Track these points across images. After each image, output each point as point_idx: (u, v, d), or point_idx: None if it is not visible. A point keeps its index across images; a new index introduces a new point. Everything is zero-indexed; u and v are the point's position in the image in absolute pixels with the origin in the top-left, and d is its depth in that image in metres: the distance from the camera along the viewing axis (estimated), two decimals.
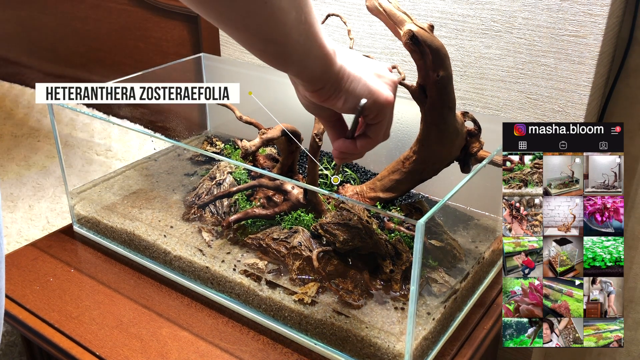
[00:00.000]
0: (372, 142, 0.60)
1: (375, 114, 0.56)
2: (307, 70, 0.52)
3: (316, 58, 0.51)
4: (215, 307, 0.78)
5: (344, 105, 0.55)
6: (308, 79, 0.53)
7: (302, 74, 0.53)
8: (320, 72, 0.52)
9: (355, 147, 0.60)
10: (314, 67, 0.52)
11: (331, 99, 0.55)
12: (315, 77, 0.53)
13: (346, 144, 0.60)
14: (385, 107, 0.56)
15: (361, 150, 0.60)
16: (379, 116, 0.57)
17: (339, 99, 0.55)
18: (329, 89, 0.54)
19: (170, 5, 1.52)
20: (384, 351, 0.65)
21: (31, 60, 2.04)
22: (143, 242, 0.85)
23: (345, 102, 0.55)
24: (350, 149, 0.60)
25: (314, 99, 0.56)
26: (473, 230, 0.85)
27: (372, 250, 0.72)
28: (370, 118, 0.57)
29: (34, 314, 0.77)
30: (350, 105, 0.55)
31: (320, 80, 0.53)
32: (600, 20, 0.82)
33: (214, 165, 0.95)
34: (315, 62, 0.51)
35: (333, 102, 0.55)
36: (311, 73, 0.52)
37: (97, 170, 1.50)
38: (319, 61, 0.51)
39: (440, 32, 0.95)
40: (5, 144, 1.72)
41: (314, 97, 0.55)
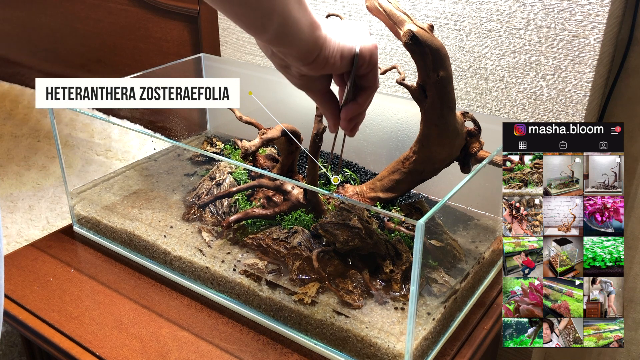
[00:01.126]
0: (371, 92, 0.62)
1: (368, 60, 0.59)
2: (302, 41, 0.53)
3: (308, 25, 0.53)
4: (215, 307, 0.78)
5: (341, 63, 0.57)
6: (303, 50, 0.54)
7: (297, 47, 0.54)
8: (313, 40, 0.54)
9: (359, 105, 0.62)
10: (308, 35, 0.53)
11: (329, 63, 0.57)
12: (309, 47, 0.54)
13: (351, 107, 0.62)
14: (374, 51, 0.59)
15: (365, 105, 0.63)
16: (371, 62, 0.59)
17: (335, 59, 0.57)
18: (323, 54, 0.56)
19: (170, 5, 1.52)
20: (384, 351, 0.65)
21: (31, 61, 2.04)
22: (143, 242, 0.85)
23: (342, 59, 0.57)
24: (356, 110, 0.63)
25: (313, 71, 0.57)
26: (473, 230, 0.85)
27: (372, 250, 0.72)
28: (364, 67, 0.59)
29: (34, 314, 0.77)
30: (346, 60, 0.58)
31: (314, 48, 0.55)
32: (600, 21, 0.82)
33: (213, 166, 0.95)
34: (308, 30, 0.53)
35: (332, 65, 0.57)
36: (305, 43, 0.54)
37: (97, 171, 1.50)
38: (310, 28, 0.53)
39: (440, 32, 0.95)
40: (5, 144, 1.72)
41: (312, 69, 0.57)
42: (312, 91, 0.63)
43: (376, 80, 0.62)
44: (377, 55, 0.60)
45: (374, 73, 0.61)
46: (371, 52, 0.59)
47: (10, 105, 1.92)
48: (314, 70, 0.57)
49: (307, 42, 0.54)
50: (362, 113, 0.64)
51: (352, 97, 0.62)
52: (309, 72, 0.58)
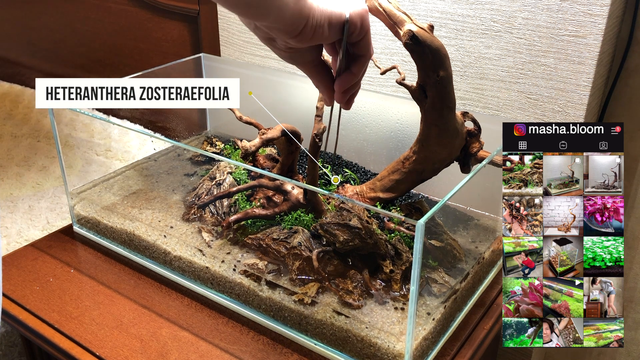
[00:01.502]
0: (365, 60, 0.59)
1: (359, 26, 0.56)
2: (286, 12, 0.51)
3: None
4: (215, 308, 0.78)
5: (330, 32, 0.55)
6: (288, 22, 0.52)
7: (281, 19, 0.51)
8: (298, 10, 0.51)
9: (354, 74, 0.60)
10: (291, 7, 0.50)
11: (317, 33, 0.54)
12: (294, 18, 0.52)
13: (345, 77, 0.60)
14: (365, 15, 0.56)
15: (359, 74, 0.60)
16: (363, 27, 0.57)
17: (322, 28, 0.54)
18: (310, 24, 0.53)
19: (170, 5, 1.52)
20: (384, 351, 0.65)
21: (31, 61, 2.04)
22: (143, 243, 0.85)
23: (330, 27, 0.54)
24: (351, 80, 0.60)
25: (301, 43, 0.55)
26: (473, 230, 0.85)
27: (372, 250, 0.72)
28: (355, 34, 0.57)
29: (33, 315, 0.77)
30: (335, 28, 0.55)
31: (300, 19, 0.52)
32: (600, 21, 0.82)
33: (213, 166, 0.95)
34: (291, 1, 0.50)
35: (319, 35, 0.54)
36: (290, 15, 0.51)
37: (97, 171, 1.50)
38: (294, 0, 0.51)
39: (440, 32, 0.95)
40: (5, 144, 1.72)
41: (299, 41, 0.54)
42: (302, 64, 0.60)
43: (369, 46, 0.59)
44: (368, 20, 0.57)
45: (367, 39, 0.58)
46: (362, 17, 0.56)
47: (10, 105, 1.92)
48: (301, 42, 0.55)
49: (292, 13, 0.51)
50: (358, 83, 0.61)
51: (346, 67, 0.59)
52: (296, 45, 0.55)
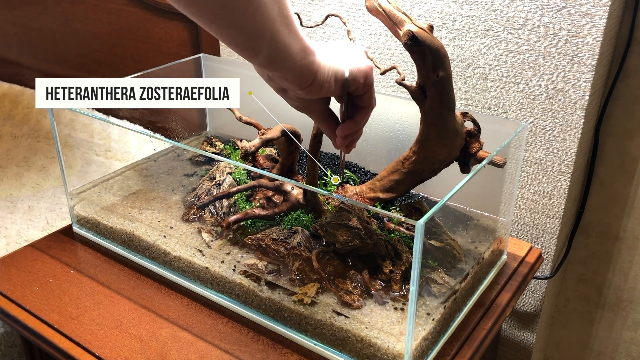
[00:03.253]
0: (367, 111, 0.64)
1: (362, 80, 0.60)
2: (294, 65, 0.54)
3: (300, 51, 0.54)
4: (214, 308, 0.78)
5: (336, 87, 0.59)
6: (297, 75, 0.55)
7: (290, 71, 0.55)
8: (307, 66, 0.55)
9: (356, 123, 0.64)
10: (300, 60, 0.54)
11: (324, 87, 0.58)
12: (303, 72, 0.55)
13: (347, 125, 0.64)
14: (369, 71, 0.60)
15: (362, 123, 0.64)
16: (366, 82, 0.60)
17: (329, 83, 0.58)
18: (318, 79, 0.57)
19: (170, 5, 1.52)
20: (384, 352, 0.65)
21: (31, 61, 2.04)
22: (143, 243, 0.85)
23: (336, 82, 0.58)
24: (352, 127, 0.64)
25: (310, 95, 0.58)
26: (473, 231, 0.85)
27: (371, 250, 0.72)
28: (360, 88, 0.61)
29: (33, 315, 0.77)
30: (341, 83, 0.59)
31: (309, 74, 0.56)
32: (599, 21, 0.82)
33: (213, 166, 0.95)
34: (300, 55, 0.54)
35: (327, 89, 0.58)
36: (298, 68, 0.55)
37: (96, 171, 1.50)
38: (302, 53, 0.54)
39: (440, 33, 0.95)
40: (5, 145, 1.72)
41: (309, 93, 0.58)
42: (311, 112, 0.64)
43: (372, 100, 0.63)
44: (372, 76, 0.61)
45: (370, 93, 0.62)
46: (365, 74, 0.60)
47: (10, 105, 1.92)
48: (310, 94, 0.58)
49: (300, 67, 0.55)
50: (359, 130, 0.66)
51: (349, 116, 0.64)
52: (305, 96, 0.59)
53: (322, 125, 0.66)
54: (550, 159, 0.93)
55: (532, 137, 0.93)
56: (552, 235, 0.98)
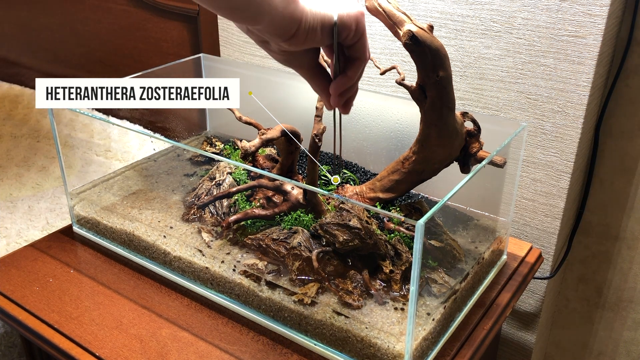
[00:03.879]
0: (361, 63, 0.58)
1: (353, 28, 0.55)
2: (277, 16, 0.50)
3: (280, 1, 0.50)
4: (215, 308, 0.78)
5: (323, 35, 0.54)
6: (280, 26, 0.51)
7: (272, 23, 0.51)
8: (289, 14, 0.51)
9: (350, 78, 0.59)
10: (282, 9, 0.50)
11: (309, 37, 0.53)
12: (285, 22, 0.51)
13: (340, 80, 0.59)
14: (360, 17, 0.55)
15: (355, 78, 0.59)
16: (358, 30, 0.56)
17: (315, 31, 0.53)
18: (302, 28, 0.53)
19: (170, 5, 1.52)
20: (384, 352, 0.65)
21: (31, 61, 2.04)
22: (143, 243, 0.85)
23: (323, 30, 0.54)
24: (346, 83, 0.59)
25: (293, 46, 0.54)
26: (473, 231, 0.85)
27: (371, 250, 0.72)
28: (350, 36, 0.56)
29: (33, 315, 0.77)
30: (328, 31, 0.54)
31: (291, 23, 0.52)
32: (599, 21, 0.82)
33: (213, 166, 0.95)
34: (282, 4, 0.50)
35: (312, 38, 0.54)
36: (281, 18, 0.51)
37: (96, 171, 1.50)
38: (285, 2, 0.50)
39: (440, 33, 0.96)
40: (5, 145, 1.72)
41: (293, 44, 0.54)
42: (298, 67, 0.59)
43: (365, 50, 0.58)
44: (364, 22, 0.56)
45: (363, 42, 0.57)
46: (356, 19, 0.55)
47: (10, 105, 1.92)
48: (294, 46, 0.54)
49: (283, 17, 0.51)
50: (354, 86, 0.60)
51: (342, 70, 0.58)
52: (289, 48, 0.55)
53: (312, 82, 0.60)
54: (550, 159, 0.93)
55: (532, 137, 0.93)
56: (552, 235, 0.98)
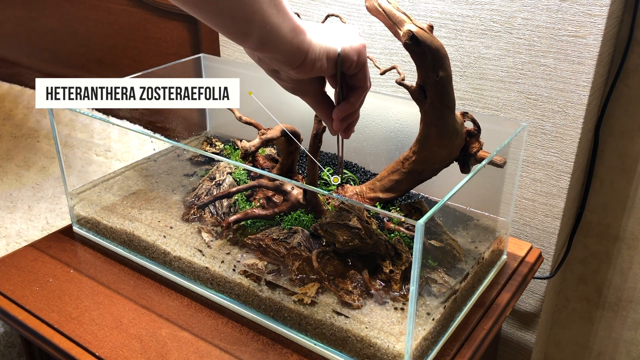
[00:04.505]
0: (362, 91, 0.62)
1: (356, 59, 0.59)
2: (285, 45, 0.53)
3: (290, 30, 0.53)
4: (214, 308, 0.78)
5: (328, 65, 0.58)
6: (288, 55, 0.55)
7: (281, 52, 0.54)
8: (297, 45, 0.54)
9: (351, 105, 0.62)
10: (290, 39, 0.53)
11: (316, 66, 0.57)
12: (294, 52, 0.55)
13: (342, 107, 0.62)
14: (362, 49, 0.59)
15: (357, 104, 0.63)
16: (359, 61, 0.59)
17: (321, 61, 0.57)
18: (309, 58, 0.56)
19: (170, 5, 1.52)
20: (384, 351, 0.65)
21: (31, 61, 2.04)
22: (143, 243, 0.85)
23: (328, 61, 0.57)
24: (348, 109, 0.62)
25: (301, 74, 0.57)
26: (473, 231, 0.85)
27: (371, 250, 0.72)
28: (353, 66, 0.59)
29: (33, 315, 0.77)
30: (333, 62, 0.58)
31: (299, 53, 0.55)
32: (599, 21, 0.82)
33: (213, 166, 0.95)
34: (290, 35, 0.53)
35: (319, 68, 0.57)
36: (289, 48, 0.54)
37: (96, 171, 1.50)
38: (293, 33, 0.53)
39: (440, 33, 0.96)
40: (5, 145, 1.72)
41: (300, 73, 0.57)
42: (305, 94, 0.63)
43: (366, 79, 0.62)
44: (365, 54, 0.60)
45: (364, 73, 0.61)
46: (359, 52, 0.59)
47: (10, 105, 1.92)
48: (302, 74, 0.58)
49: (291, 47, 0.54)
50: (356, 113, 0.64)
51: (344, 97, 0.62)
52: (297, 76, 0.58)
53: (317, 108, 0.64)
54: (550, 159, 0.93)
55: (532, 137, 0.93)
56: (552, 235, 0.98)
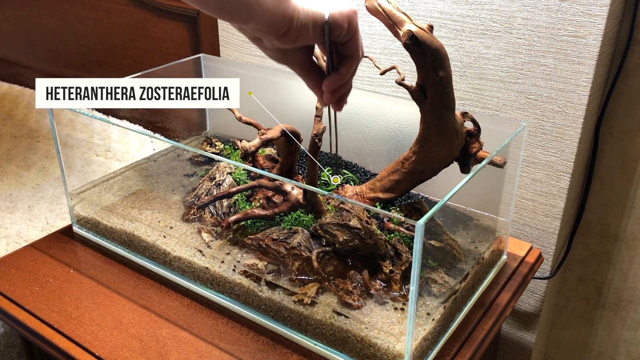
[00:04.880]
0: (353, 61, 0.59)
1: (345, 26, 0.55)
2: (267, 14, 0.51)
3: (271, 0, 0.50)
4: (214, 308, 0.78)
5: (315, 33, 0.54)
6: (271, 24, 0.52)
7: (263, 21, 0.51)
8: (281, 12, 0.51)
9: (343, 75, 0.59)
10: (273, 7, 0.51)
11: (302, 35, 0.54)
12: (277, 20, 0.52)
13: (333, 78, 0.59)
14: (352, 15, 0.55)
15: (348, 75, 0.59)
16: (350, 28, 0.56)
17: (307, 29, 0.54)
18: (294, 26, 0.53)
19: (170, 5, 1.52)
20: (384, 352, 0.65)
21: (31, 61, 2.04)
22: (143, 243, 0.85)
23: (315, 28, 0.54)
24: (339, 80, 0.59)
25: (286, 44, 0.54)
26: (473, 231, 0.85)
27: (371, 250, 0.72)
28: (343, 35, 0.56)
29: (33, 315, 0.77)
30: (320, 29, 0.54)
31: (283, 21, 0.52)
32: (599, 21, 0.82)
33: (213, 166, 0.95)
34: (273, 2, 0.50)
35: (304, 37, 0.54)
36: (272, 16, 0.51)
37: (96, 171, 1.50)
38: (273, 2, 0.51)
39: (440, 33, 0.96)
40: (5, 145, 1.72)
41: (285, 42, 0.54)
42: (292, 64, 0.60)
43: (358, 48, 0.58)
44: (356, 20, 0.56)
45: (355, 40, 0.57)
46: (349, 18, 0.55)
47: (10, 105, 1.92)
48: (287, 43, 0.54)
49: (273, 15, 0.51)
50: (347, 84, 0.61)
51: (335, 67, 0.59)
52: (282, 46, 0.55)
53: (305, 79, 0.61)
54: (550, 159, 0.93)
55: (532, 137, 0.93)
56: (552, 235, 0.98)
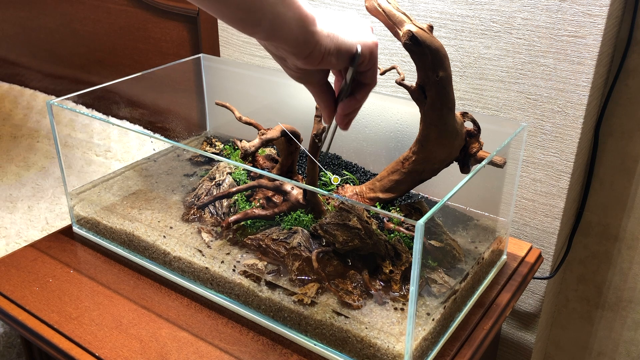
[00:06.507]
0: (369, 88, 0.62)
1: (367, 58, 0.58)
2: (291, 36, 0.53)
3: (297, 20, 0.52)
4: (214, 308, 0.78)
5: (338, 61, 0.57)
6: (295, 45, 0.54)
7: (287, 42, 0.53)
8: (304, 35, 0.53)
9: (358, 101, 0.62)
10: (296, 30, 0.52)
11: (325, 59, 0.56)
12: (300, 42, 0.54)
13: (349, 103, 0.62)
14: (374, 48, 0.59)
15: (362, 101, 0.63)
16: (371, 59, 0.59)
17: (331, 55, 0.56)
18: (318, 50, 0.55)
19: (170, 6, 1.52)
20: (384, 352, 0.65)
21: (30, 61, 2.04)
22: (142, 243, 0.85)
23: (339, 56, 0.56)
24: (353, 105, 0.62)
25: (308, 65, 0.56)
26: (473, 231, 0.85)
27: (371, 250, 0.72)
28: (364, 64, 0.59)
29: (33, 315, 0.77)
30: (343, 58, 0.57)
31: (307, 44, 0.54)
32: (599, 21, 0.82)
33: (213, 166, 0.95)
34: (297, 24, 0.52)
35: (327, 62, 0.56)
36: (295, 38, 0.53)
37: (96, 171, 1.50)
38: (300, 22, 0.52)
39: (440, 33, 0.96)
40: (5, 145, 1.72)
41: (307, 63, 0.56)
42: (309, 83, 0.62)
43: (375, 77, 0.62)
44: (376, 52, 0.60)
45: (374, 70, 0.61)
46: (371, 50, 0.59)
47: (10, 105, 1.92)
48: (309, 65, 0.56)
49: (298, 37, 0.53)
50: (359, 108, 0.64)
51: (350, 92, 0.62)
52: (304, 67, 0.57)
53: (319, 97, 0.64)
54: (550, 159, 0.93)
55: (532, 137, 0.93)
56: (552, 235, 0.98)
